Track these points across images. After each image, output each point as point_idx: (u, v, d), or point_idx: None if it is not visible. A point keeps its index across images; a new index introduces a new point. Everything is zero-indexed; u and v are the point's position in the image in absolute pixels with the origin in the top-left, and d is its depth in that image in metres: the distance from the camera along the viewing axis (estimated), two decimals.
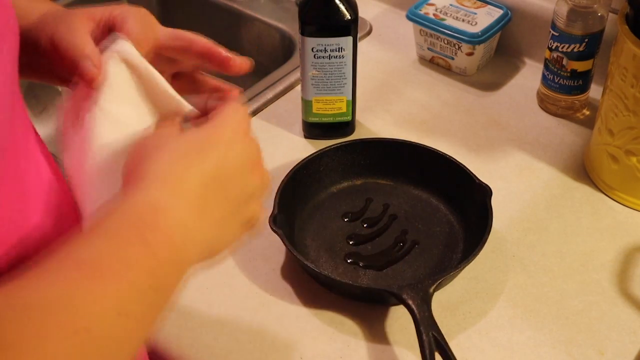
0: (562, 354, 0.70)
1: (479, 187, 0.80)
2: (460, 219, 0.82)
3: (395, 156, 0.86)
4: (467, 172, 0.81)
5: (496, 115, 0.97)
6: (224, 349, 0.71)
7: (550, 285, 0.76)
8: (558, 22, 0.90)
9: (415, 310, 0.68)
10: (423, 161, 0.85)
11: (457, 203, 0.83)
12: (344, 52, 0.86)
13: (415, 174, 0.85)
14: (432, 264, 0.78)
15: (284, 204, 0.78)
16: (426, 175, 0.85)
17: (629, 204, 0.84)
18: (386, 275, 0.77)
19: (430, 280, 0.70)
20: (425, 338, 0.65)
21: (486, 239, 0.74)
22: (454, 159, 0.83)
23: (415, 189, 0.85)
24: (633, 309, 0.74)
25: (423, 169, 0.85)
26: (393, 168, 0.86)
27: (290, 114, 0.97)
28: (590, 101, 0.97)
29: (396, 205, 0.84)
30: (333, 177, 0.86)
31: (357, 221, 0.83)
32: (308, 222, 0.83)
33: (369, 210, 0.84)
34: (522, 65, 1.05)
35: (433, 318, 0.67)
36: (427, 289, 0.69)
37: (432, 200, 0.84)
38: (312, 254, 0.79)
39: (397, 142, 0.87)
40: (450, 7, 1.03)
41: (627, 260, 0.79)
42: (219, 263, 0.65)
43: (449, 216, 0.83)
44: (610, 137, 0.83)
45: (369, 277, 0.77)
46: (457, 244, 0.79)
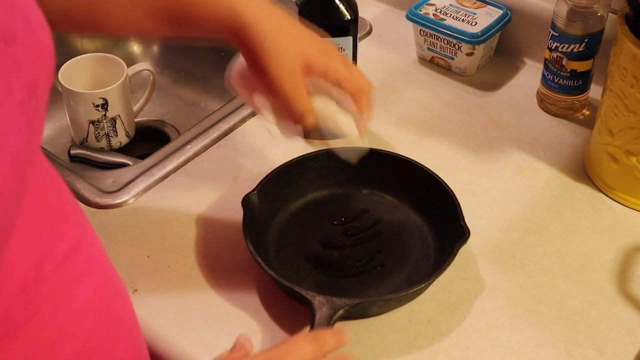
0: (562, 354, 0.70)
1: (460, 228, 0.76)
2: (437, 254, 0.78)
3: (404, 174, 0.83)
4: (458, 210, 0.77)
5: (496, 115, 0.97)
6: (224, 348, 0.71)
7: (550, 285, 0.76)
8: (558, 22, 0.90)
9: (315, 322, 0.66)
10: (426, 186, 0.82)
11: (442, 241, 0.79)
12: (344, 52, 0.86)
13: (416, 197, 0.83)
14: (380, 291, 0.75)
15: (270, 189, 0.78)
16: (426, 201, 0.82)
17: (628, 204, 0.84)
18: (328, 284, 0.75)
19: (346, 302, 0.68)
20: None
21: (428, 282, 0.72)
22: (452, 194, 0.79)
23: (414, 214, 0.82)
24: (633, 309, 0.74)
25: (426, 195, 0.82)
26: (399, 185, 0.84)
27: None
28: (590, 101, 0.97)
29: (386, 224, 0.82)
30: (339, 178, 0.85)
31: (342, 226, 0.82)
32: (296, 213, 0.82)
33: (360, 220, 0.83)
34: (522, 65, 1.06)
35: None
36: (337, 309, 0.68)
37: (424, 231, 0.81)
38: (280, 243, 0.79)
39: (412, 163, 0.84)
40: (450, 7, 1.03)
41: (627, 260, 0.79)
42: None
43: (429, 250, 0.79)
44: (610, 137, 0.83)
45: (313, 281, 0.75)
46: (420, 279, 0.74)
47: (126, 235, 0.82)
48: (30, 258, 0.46)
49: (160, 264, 0.79)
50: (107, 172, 0.91)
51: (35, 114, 0.42)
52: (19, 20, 0.40)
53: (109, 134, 1.05)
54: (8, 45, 0.39)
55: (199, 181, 0.88)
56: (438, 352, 0.70)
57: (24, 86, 0.40)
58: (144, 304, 0.74)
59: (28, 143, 0.41)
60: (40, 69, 0.42)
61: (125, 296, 0.60)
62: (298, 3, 0.91)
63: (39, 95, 0.42)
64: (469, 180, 0.88)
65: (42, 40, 0.43)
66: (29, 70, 0.41)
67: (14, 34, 0.40)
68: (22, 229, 0.44)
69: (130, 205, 0.86)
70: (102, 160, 1.05)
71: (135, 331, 0.60)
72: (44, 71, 0.43)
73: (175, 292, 0.76)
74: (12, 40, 0.39)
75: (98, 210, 0.85)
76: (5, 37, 0.39)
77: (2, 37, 0.39)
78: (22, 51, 0.40)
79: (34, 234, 0.46)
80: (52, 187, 0.51)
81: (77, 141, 1.07)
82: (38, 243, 0.47)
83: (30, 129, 0.41)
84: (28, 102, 0.41)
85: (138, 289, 0.76)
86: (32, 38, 0.41)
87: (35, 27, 0.42)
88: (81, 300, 0.51)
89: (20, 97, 0.40)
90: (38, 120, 0.43)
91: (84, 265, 0.51)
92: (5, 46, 0.39)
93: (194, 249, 0.80)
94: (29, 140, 0.41)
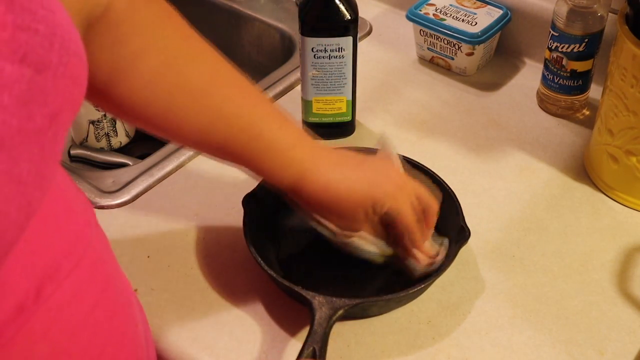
0: (562, 354, 0.70)
1: (461, 228, 0.75)
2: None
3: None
4: (459, 210, 0.77)
5: (496, 115, 0.97)
6: (224, 348, 0.71)
7: (550, 285, 0.76)
8: (558, 22, 0.90)
9: (315, 322, 0.66)
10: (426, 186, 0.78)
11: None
12: (344, 52, 0.86)
13: None
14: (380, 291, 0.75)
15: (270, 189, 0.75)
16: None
17: (629, 204, 0.84)
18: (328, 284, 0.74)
19: (346, 302, 0.68)
20: (305, 349, 0.64)
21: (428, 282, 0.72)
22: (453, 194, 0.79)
23: None
24: (633, 309, 0.74)
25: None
26: None
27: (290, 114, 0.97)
28: (590, 101, 0.97)
29: None
30: None
31: None
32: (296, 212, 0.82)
33: None
34: (522, 65, 1.06)
35: (326, 336, 0.65)
36: (337, 309, 0.67)
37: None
38: (280, 243, 0.78)
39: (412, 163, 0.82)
40: (450, 7, 1.03)
41: (627, 260, 0.79)
42: None
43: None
44: (610, 137, 0.83)
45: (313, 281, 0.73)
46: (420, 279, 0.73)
47: (126, 235, 0.82)
48: (32, 278, 0.45)
49: (160, 264, 0.79)
50: (107, 172, 0.91)
51: (52, 143, 0.41)
52: (56, 49, 0.40)
53: (109, 134, 1.05)
54: (39, 73, 0.39)
55: (199, 181, 0.88)
56: (438, 352, 0.70)
57: (46, 115, 0.39)
58: (144, 304, 0.74)
59: (40, 170, 0.40)
60: (68, 99, 0.42)
61: (130, 306, 0.58)
62: (298, 3, 0.91)
63: (60, 124, 0.41)
64: (469, 180, 0.88)
65: (75, 69, 0.42)
66: (55, 100, 0.40)
67: (47, 63, 0.39)
68: (26, 247, 0.43)
69: (130, 205, 0.86)
70: (102, 160, 1.05)
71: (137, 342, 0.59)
72: (71, 101, 0.42)
73: (175, 292, 0.76)
74: (45, 69, 0.39)
75: (98, 210, 0.85)
76: (37, 65, 0.38)
77: (35, 65, 0.38)
78: (52, 81, 0.40)
79: (38, 253, 0.45)
80: (64, 204, 0.50)
81: (77, 141, 1.07)
82: (42, 263, 0.46)
83: (43, 157, 0.40)
84: (47, 130, 0.40)
85: (138, 289, 0.76)
86: (65, 67, 0.41)
87: (72, 55, 0.41)
88: (77, 319, 0.49)
89: (39, 126, 0.39)
90: (55, 148, 0.42)
91: (85, 281, 0.50)
92: (35, 74, 0.38)
93: (194, 249, 0.80)
94: (41, 167, 0.40)
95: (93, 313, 0.51)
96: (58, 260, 0.47)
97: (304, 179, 0.69)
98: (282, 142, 0.69)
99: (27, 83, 0.38)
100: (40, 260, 0.46)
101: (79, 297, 0.49)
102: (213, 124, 0.67)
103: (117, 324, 0.55)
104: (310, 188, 0.69)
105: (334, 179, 0.69)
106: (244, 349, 0.71)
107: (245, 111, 0.68)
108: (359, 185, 0.69)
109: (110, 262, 0.57)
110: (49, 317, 0.46)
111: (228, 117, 0.67)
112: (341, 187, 0.69)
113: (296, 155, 0.69)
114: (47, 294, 0.46)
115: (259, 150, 0.68)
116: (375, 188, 0.69)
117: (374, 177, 0.71)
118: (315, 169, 0.69)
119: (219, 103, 0.67)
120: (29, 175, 0.39)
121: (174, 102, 0.65)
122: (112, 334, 0.54)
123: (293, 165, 0.69)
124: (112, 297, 0.55)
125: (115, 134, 1.05)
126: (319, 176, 0.69)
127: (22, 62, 0.37)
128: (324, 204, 0.70)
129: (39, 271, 0.45)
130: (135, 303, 0.61)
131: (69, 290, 0.48)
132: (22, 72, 0.37)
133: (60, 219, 0.49)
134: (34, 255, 0.45)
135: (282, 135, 0.69)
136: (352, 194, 0.69)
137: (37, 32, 0.38)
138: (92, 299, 0.51)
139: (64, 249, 0.48)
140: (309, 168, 0.69)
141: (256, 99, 0.70)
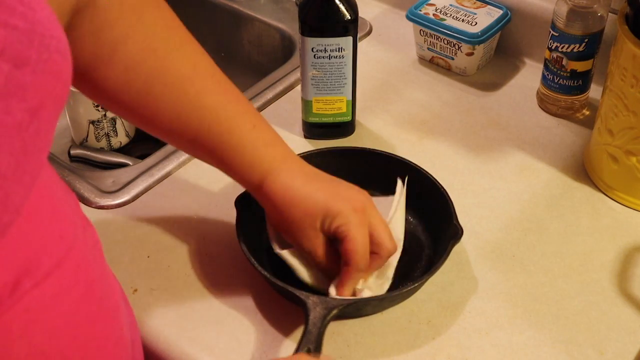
0: (562, 354, 0.70)
1: (453, 227, 0.75)
2: (432, 253, 0.78)
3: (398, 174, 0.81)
4: (451, 208, 0.77)
5: (496, 115, 0.97)
6: (224, 349, 0.71)
7: (550, 285, 0.76)
8: (558, 22, 0.90)
9: (309, 322, 0.66)
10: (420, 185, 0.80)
11: (437, 240, 0.79)
12: (344, 52, 0.86)
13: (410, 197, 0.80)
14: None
15: None
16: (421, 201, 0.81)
17: (629, 204, 0.84)
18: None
19: (340, 301, 0.68)
20: (300, 349, 0.64)
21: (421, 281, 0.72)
22: (446, 193, 0.79)
23: (409, 213, 0.80)
24: (633, 309, 0.74)
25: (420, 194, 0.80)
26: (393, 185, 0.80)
27: (290, 114, 0.97)
28: (590, 101, 0.97)
29: None
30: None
31: None
32: None
33: None
34: (522, 65, 1.06)
35: (320, 335, 0.65)
36: (331, 308, 0.67)
37: (418, 230, 0.81)
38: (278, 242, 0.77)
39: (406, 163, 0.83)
40: (450, 7, 1.03)
41: (627, 260, 0.79)
42: None
43: (424, 250, 0.79)
44: (610, 137, 0.83)
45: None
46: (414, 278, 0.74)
47: (126, 235, 0.82)
48: (8, 272, 0.44)
49: (160, 264, 0.79)
50: (107, 172, 0.91)
51: (35, 138, 0.41)
52: (35, 45, 0.40)
53: (109, 134, 1.05)
54: (17, 68, 0.39)
55: (199, 181, 0.88)
56: (438, 352, 0.70)
57: (25, 110, 0.40)
58: (144, 304, 0.74)
59: (19, 165, 0.40)
60: (49, 95, 0.42)
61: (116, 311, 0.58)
62: (298, 3, 0.91)
63: (42, 120, 0.42)
64: (469, 180, 0.88)
65: (57, 66, 0.42)
66: (36, 95, 0.41)
67: (26, 58, 0.40)
68: (6, 240, 0.43)
69: (130, 205, 0.86)
70: (102, 160, 1.05)
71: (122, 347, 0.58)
72: (53, 97, 0.43)
73: (175, 292, 0.76)
74: (23, 64, 0.39)
75: (98, 210, 0.85)
76: (15, 60, 0.39)
77: (13, 60, 0.39)
78: (32, 76, 0.40)
79: (18, 247, 0.45)
80: (48, 202, 0.50)
81: (77, 141, 1.07)
82: (22, 258, 0.46)
83: (25, 152, 0.41)
84: (27, 125, 0.40)
85: (138, 289, 0.76)
86: (46, 63, 0.41)
87: (53, 53, 0.42)
88: (58, 320, 0.49)
89: (19, 120, 0.40)
90: (38, 143, 0.42)
91: (67, 282, 0.50)
92: (14, 69, 0.39)
93: (194, 249, 0.80)
94: (21, 162, 0.41)
95: (74, 316, 0.51)
96: (38, 256, 0.47)
97: (267, 178, 0.68)
98: (254, 141, 0.69)
99: (5, 78, 0.38)
100: (19, 254, 0.45)
101: (60, 298, 0.49)
102: (187, 114, 0.67)
103: (100, 327, 0.55)
104: (270, 188, 0.68)
105: (294, 185, 0.68)
106: (244, 349, 0.71)
107: (220, 106, 0.68)
108: (316, 196, 0.68)
109: (98, 266, 0.56)
110: (28, 317, 0.46)
111: (202, 109, 0.67)
112: (298, 194, 0.68)
113: (266, 155, 0.69)
114: (25, 290, 0.46)
115: (230, 146, 0.68)
116: (330, 202, 0.68)
117: (334, 193, 0.69)
118: (281, 171, 0.68)
119: (194, 95, 0.67)
120: (8, 169, 0.39)
121: (151, 90, 0.66)
122: (94, 338, 0.53)
123: (262, 164, 0.68)
124: (96, 301, 0.54)
125: (115, 134, 1.05)
126: (282, 178, 0.68)
127: (0, 57, 0.38)
128: (278, 206, 0.69)
129: (17, 265, 0.45)
130: (123, 307, 0.61)
131: (49, 290, 0.48)
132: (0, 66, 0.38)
133: (43, 216, 0.49)
134: (12, 248, 0.45)
135: (255, 134, 0.69)
136: (306, 202, 0.68)
137: (15, 28, 0.39)
138: (74, 301, 0.51)
139: (45, 246, 0.48)
140: (276, 168, 0.68)
141: (233, 96, 0.70)
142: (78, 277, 0.51)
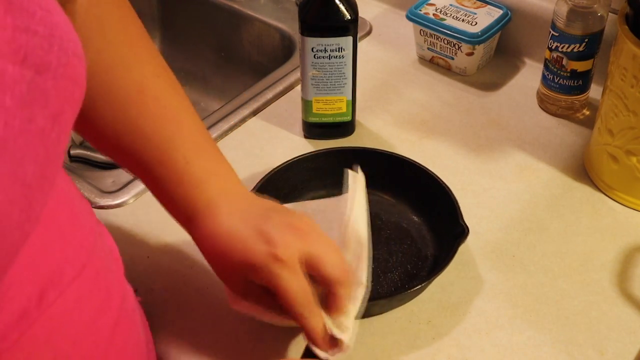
0: (562, 354, 0.70)
1: (459, 226, 0.75)
2: (437, 253, 0.78)
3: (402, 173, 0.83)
4: (457, 208, 0.77)
5: (496, 115, 0.97)
6: (224, 349, 0.71)
7: (550, 285, 0.76)
8: (558, 22, 0.90)
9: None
10: (424, 185, 0.81)
11: (441, 240, 0.78)
12: (344, 52, 0.86)
13: (414, 197, 0.82)
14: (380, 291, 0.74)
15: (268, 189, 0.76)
16: (425, 200, 0.81)
17: (629, 204, 0.84)
18: None
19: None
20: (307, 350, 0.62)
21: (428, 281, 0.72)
22: (451, 192, 0.79)
23: (413, 213, 0.82)
24: (633, 309, 0.74)
25: (424, 194, 0.81)
26: (397, 185, 0.83)
27: (290, 114, 0.97)
28: (590, 101, 0.97)
29: (385, 223, 0.81)
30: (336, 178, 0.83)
31: None
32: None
33: None
34: (522, 65, 1.06)
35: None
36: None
37: (423, 230, 0.81)
38: None
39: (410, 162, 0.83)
40: (450, 7, 1.03)
41: (627, 260, 0.79)
42: None
43: (429, 249, 0.79)
44: (610, 137, 0.83)
45: None
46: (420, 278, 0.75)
47: (126, 235, 0.82)
48: (35, 284, 0.44)
49: (160, 264, 0.79)
50: (107, 172, 0.91)
51: (56, 145, 0.41)
52: (55, 50, 0.39)
53: None
54: (39, 74, 0.38)
55: None
56: (438, 352, 0.70)
57: (47, 116, 0.39)
58: (144, 304, 0.74)
59: (43, 172, 0.39)
60: (68, 99, 0.41)
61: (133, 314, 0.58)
62: (298, 3, 0.91)
63: (62, 125, 0.41)
64: (469, 180, 0.88)
65: (75, 70, 0.42)
66: (56, 101, 0.40)
67: (47, 64, 0.39)
68: (30, 253, 0.43)
69: (130, 205, 0.86)
70: (102, 160, 1.05)
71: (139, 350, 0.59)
72: (72, 102, 0.42)
73: (175, 292, 0.76)
74: (44, 70, 0.39)
75: (98, 210, 0.85)
76: (37, 66, 0.38)
77: (35, 66, 0.38)
78: (53, 81, 0.39)
79: (42, 258, 0.45)
80: (68, 210, 0.49)
81: (77, 141, 1.07)
82: (46, 268, 0.45)
83: (48, 159, 0.40)
84: (49, 132, 0.39)
85: (138, 289, 0.76)
86: (65, 68, 0.40)
87: (71, 56, 0.41)
88: (80, 326, 0.49)
89: (41, 127, 0.39)
90: (58, 149, 0.41)
91: (88, 288, 0.50)
92: (36, 75, 0.38)
93: (194, 249, 0.80)
94: (45, 169, 0.40)
95: (96, 320, 0.51)
96: (61, 266, 0.47)
97: (191, 222, 0.62)
98: (191, 175, 0.63)
99: (28, 84, 0.37)
100: (44, 266, 0.45)
101: (82, 304, 0.49)
102: (126, 137, 0.62)
103: (120, 331, 0.55)
104: (194, 235, 0.63)
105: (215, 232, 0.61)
106: (244, 349, 0.71)
107: (161, 130, 0.63)
108: (236, 248, 0.60)
109: (116, 271, 0.56)
110: (52, 324, 0.46)
111: (143, 133, 0.62)
112: (219, 244, 0.61)
113: (202, 194, 0.62)
114: (50, 300, 0.46)
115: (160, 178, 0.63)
116: (249, 255, 0.59)
117: (256, 238, 0.59)
118: (204, 217, 0.61)
119: (135, 116, 0.62)
120: (34, 177, 0.38)
121: (95, 106, 0.61)
122: (114, 342, 0.54)
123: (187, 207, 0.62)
124: (115, 305, 0.54)
125: None
126: (205, 224, 0.61)
127: (23, 63, 0.37)
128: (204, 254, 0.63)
129: (42, 276, 0.45)
130: (137, 310, 0.61)
131: (72, 297, 0.48)
132: (23, 73, 0.37)
133: (64, 225, 0.49)
134: (37, 260, 0.45)
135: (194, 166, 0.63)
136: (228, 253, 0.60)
137: (36, 33, 0.38)
138: (95, 307, 0.51)
139: (67, 255, 0.48)
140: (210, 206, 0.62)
141: (180, 117, 0.64)
142: (99, 284, 0.52)
